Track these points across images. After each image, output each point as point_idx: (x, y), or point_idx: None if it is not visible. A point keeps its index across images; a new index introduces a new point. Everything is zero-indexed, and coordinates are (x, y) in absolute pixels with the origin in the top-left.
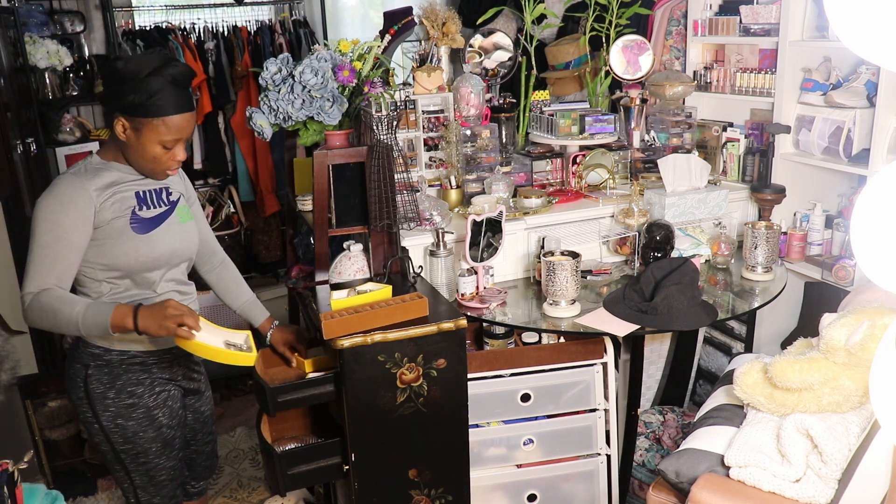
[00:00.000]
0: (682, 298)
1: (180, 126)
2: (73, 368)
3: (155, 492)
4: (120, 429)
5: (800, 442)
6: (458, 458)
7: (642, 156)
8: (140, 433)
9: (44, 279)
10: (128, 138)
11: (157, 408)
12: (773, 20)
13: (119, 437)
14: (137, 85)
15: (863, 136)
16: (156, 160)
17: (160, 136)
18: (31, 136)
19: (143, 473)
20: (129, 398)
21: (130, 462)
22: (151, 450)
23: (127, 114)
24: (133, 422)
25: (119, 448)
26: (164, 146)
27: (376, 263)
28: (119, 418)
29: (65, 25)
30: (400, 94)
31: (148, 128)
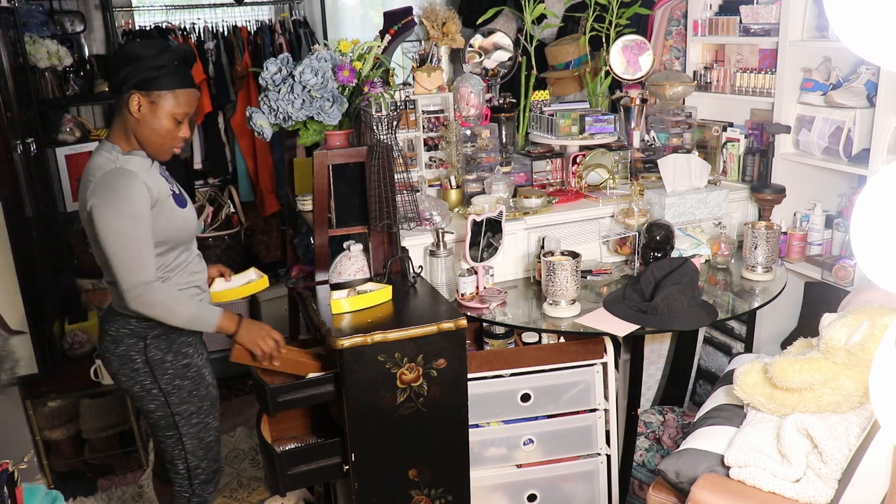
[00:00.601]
0: (682, 298)
1: (190, 100)
2: (123, 346)
3: (203, 455)
4: (177, 389)
5: (800, 442)
6: (458, 458)
7: (642, 156)
8: (194, 391)
9: (148, 271)
10: (142, 115)
11: (204, 366)
12: (773, 20)
13: (176, 399)
14: (153, 60)
15: (863, 136)
16: (168, 134)
17: (173, 108)
18: (31, 136)
19: (194, 436)
20: (183, 359)
21: (184, 424)
22: (203, 408)
23: (143, 89)
24: (188, 381)
25: (175, 410)
26: (176, 119)
27: (376, 263)
28: (177, 379)
29: (65, 25)
30: (400, 94)
31: (164, 99)
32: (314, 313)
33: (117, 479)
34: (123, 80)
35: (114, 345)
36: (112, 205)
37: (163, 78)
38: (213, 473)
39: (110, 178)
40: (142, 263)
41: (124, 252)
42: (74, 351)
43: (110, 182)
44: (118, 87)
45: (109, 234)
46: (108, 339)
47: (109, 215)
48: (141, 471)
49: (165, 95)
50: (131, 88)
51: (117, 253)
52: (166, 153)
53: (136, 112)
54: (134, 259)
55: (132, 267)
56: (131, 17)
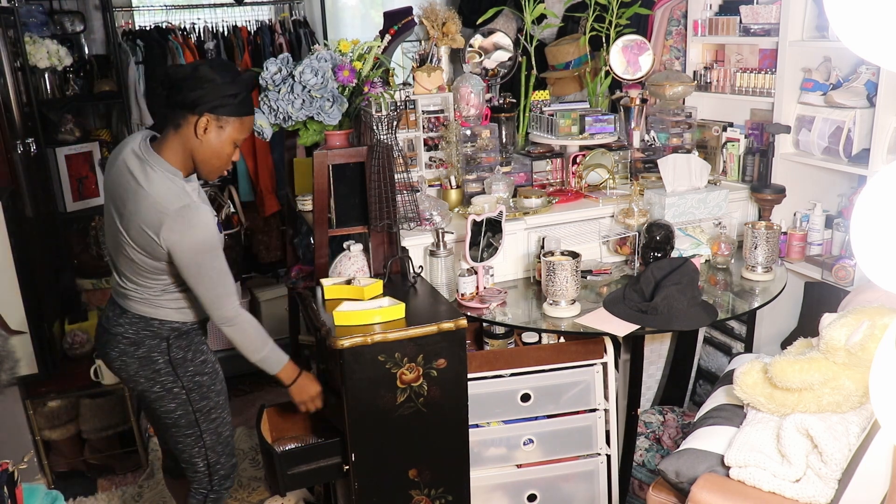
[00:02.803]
0: (682, 298)
1: (250, 127)
2: (145, 346)
3: (222, 450)
4: (197, 385)
5: (800, 442)
6: (458, 458)
7: (642, 156)
8: (212, 386)
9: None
10: (207, 137)
11: (216, 362)
12: (773, 20)
13: (197, 395)
14: (226, 86)
15: (863, 136)
16: (226, 157)
17: (237, 133)
18: (31, 136)
19: (212, 431)
20: (200, 356)
21: (203, 420)
22: (220, 402)
23: (215, 112)
24: (206, 376)
25: (196, 406)
26: (235, 144)
27: (376, 263)
28: (197, 375)
29: (65, 25)
30: (400, 94)
31: (232, 126)
32: (314, 313)
33: (117, 479)
34: (196, 101)
35: (133, 347)
36: (194, 242)
37: (234, 105)
38: (232, 468)
39: (188, 215)
40: (228, 294)
41: (212, 285)
42: (74, 351)
43: (189, 220)
44: (189, 107)
45: (194, 269)
46: (126, 341)
47: (192, 253)
48: (141, 471)
49: (233, 122)
50: (203, 111)
51: (206, 288)
52: (215, 174)
53: (202, 134)
54: (220, 289)
55: (221, 297)
56: (131, 17)
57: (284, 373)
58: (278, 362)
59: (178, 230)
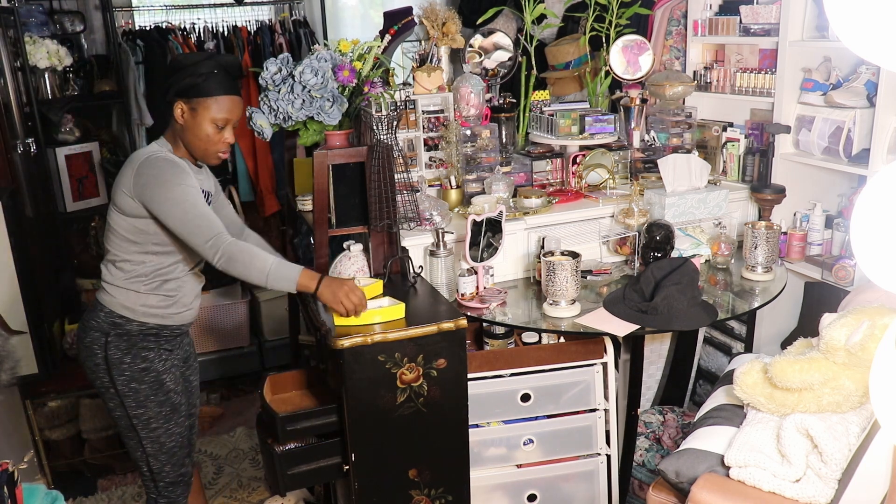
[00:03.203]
0: (682, 298)
1: (229, 107)
2: (90, 337)
3: (166, 459)
4: (133, 392)
5: (800, 442)
6: (458, 458)
7: (642, 156)
8: (151, 396)
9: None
10: (185, 121)
11: (166, 373)
12: (773, 20)
13: (132, 402)
14: (193, 68)
15: (863, 136)
16: (209, 139)
17: (213, 114)
18: (31, 136)
19: (153, 440)
20: (142, 363)
21: (142, 428)
22: (161, 414)
23: (184, 96)
24: (145, 385)
25: (132, 413)
26: (216, 125)
27: (376, 263)
28: (133, 382)
29: (65, 25)
30: (400, 94)
31: (202, 106)
32: (314, 313)
33: (117, 479)
34: (168, 88)
35: (82, 332)
36: (164, 180)
37: (202, 84)
38: (180, 477)
39: (156, 161)
40: (209, 222)
41: (189, 217)
42: (74, 351)
43: (155, 163)
44: (166, 95)
45: (168, 206)
46: (81, 327)
47: (164, 190)
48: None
49: (205, 102)
50: (174, 96)
51: (182, 221)
52: (212, 158)
53: (180, 118)
54: (201, 219)
55: (202, 225)
56: (131, 17)
57: (304, 281)
58: (292, 276)
59: (147, 175)
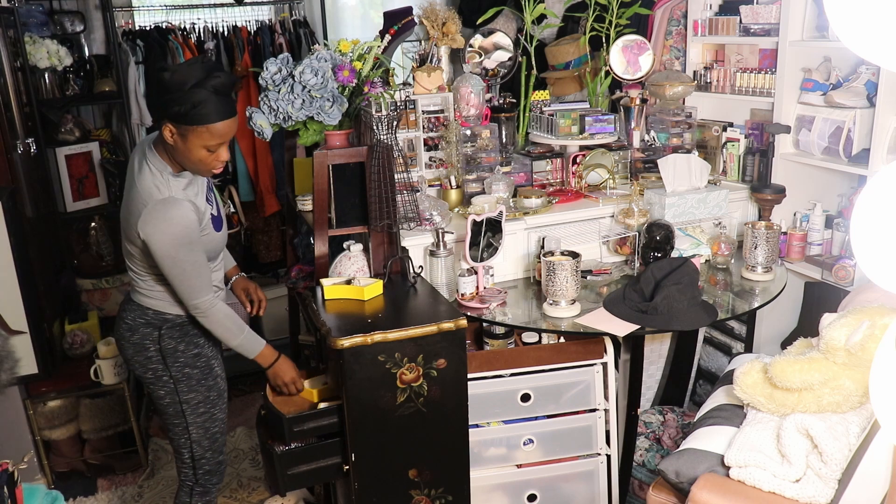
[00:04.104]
0: (682, 298)
1: (223, 132)
2: (138, 334)
3: (209, 445)
4: (187, 378)
5: (800, 442)
6: (458, 458)
7: (642, 156)
8: (202, 380)
9: (208, 286)
10: (175, 143)
11: (214, 358)
12: (773, 20)
13: (185, 387)
14: (182, 96)
15: (863, 136)
16: (201, 162)
17: (204, 141)
18: (31, 136)
19: (200, 425)
20: (194, 349)
21: (191, 413)
22: (210, 398)
23: (173, 121)
24: (197, 370)
25: (184, 398)
26: (209, 149)
27: (376, 263)
28: (187, 367)
29: (65, 25)
30: (400, 94)
31: (193, 134)
32: (314, 314)
33: (117, 479)
34: (158, 108)
35: (129, 332)
36: (167, 236)
37: (193, 113)
38: (218, 465)
39: (162, 208)
40: (201, 284)
41: (184, 277)
42: (74, 351)
43: (162, 213)
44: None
45: (168, 262)
46: (125, 326)
47: (166, 246)
48: (141, 471)
49: (196, 129)
50: (164, 118)
51: (178, 278)
52: (205, 174)
53: (170, 140)
54: (194, 281)
55: (193, 288)
56: (131, 17)
57: (262, 357)
58: (254, 348)
59: (152, 222)
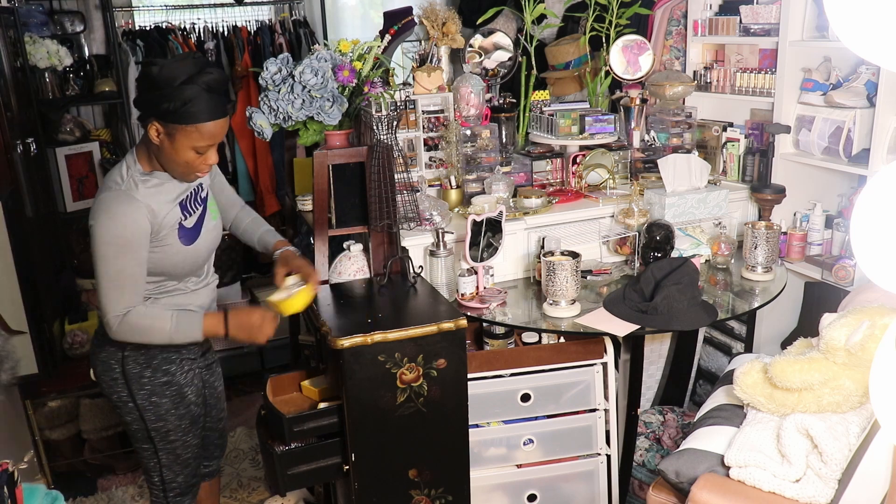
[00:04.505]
0: (682, 298)
1: (213, 132)
2: (105, 352)
3: (179, 470)
4: (154, 406)
5: (800, 442)
6: (458, 458)
7: (642, 156)
8: (172, 410)
9: (128, 300)
10: (161, 143)
11: (187, 385)
12: (773, 20)
13: (152, 415)
14: (172, 92)
15: (863, 136)
16: (188, 164)
17: (193, 141)
18: (31, 136)
19: (170, 451)
20: (163, 376)
21: (160, 440)
22: (181, 427)
23: (161, 119)
24: (166, 399)
25: (151, 426)
26: (197, 151)
27: (376, 263)
28: (154, 396)
29: (65, 25)
30: (400, 94)
31: (181, 133)
32: (314, 314)
33: (117, 479)
34: (143, 105)
35: (98, 347)
36: (102, 228)
37: (183, 112)
38: (189, 487)
39: (111, 200)
40: (120, 294)
41: (105, 278)
42: (74, 351)
43: (110, 205)
44: (139, 109)
45: (96, 256)
46: (95, 341)
47: (99, 239)
48: (141, 471)
49: (185, 129)
50: (150, 117)
51: (98, 279)
52: (189, 178)
53: (156, 139)
54: (111, 291)
55: (110, 295)
56: (131, 17)
57: (210, 330)
58: (194, 330)
59: (96, 212)
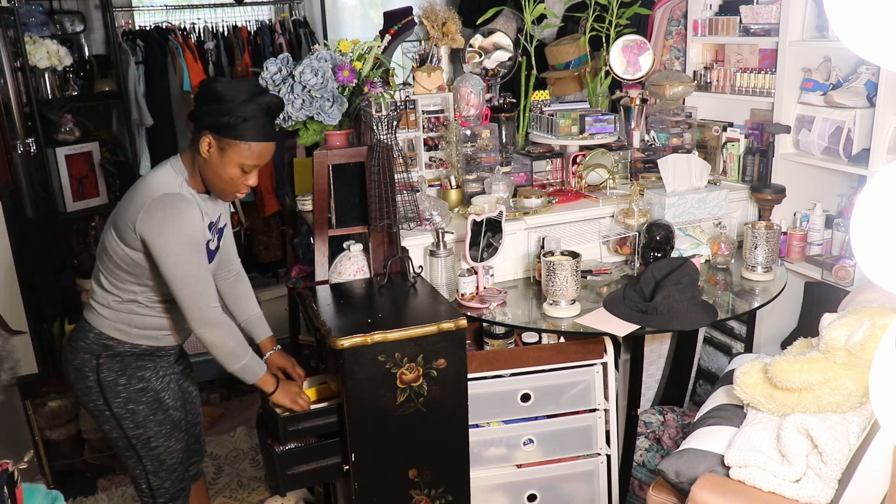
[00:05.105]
0: (682, 298)
1: (262, 153)
2: (79, 359)
3: (166, 476)
4: (131, 414)
5: (800, 442)
6: (458, 458)
7: (642, 156)
8: (150, 416)
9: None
10: (210, 156)
11: (164, 390)
12: (773, 20)
13: (130, 423)
14: (234, 107)
15: (863, 136)
16: (232, 181)
17: (243, 159)
18: (31, 136)
19: (153, 458)
20: (138, 383)
21: (142, 447)
22: (161, 432)
23: (216, 132)
24: (143, 406)
25: (131, 434)
26: (243, 169)
27: (376, 263)
28: (130, 403)
29: (65, 25)
30: (400, 94)
31: (233, 149)
32: (314, 314)
33: (117, 479)
34: (201, 117)
35: (71, 355)
36: (174, 232)
37: (240, 127)
38: (179, 491)
39: (170, 202)
40: (209, 290)
41: (189, 279)
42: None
43: (170, 208)
44: (195, 121)
45: (173, 260)
46: (68, 348)
47: (171, 242)
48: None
49: (239, 145)
50: (205, 128)
51: (181, 281)
52: (228, 197)
53: (205, 152)
54: (202, 286)
55: (201, 294)
56: (131, 17)
57: (263, 383)
58: (258, 371)
59: (157, 215)
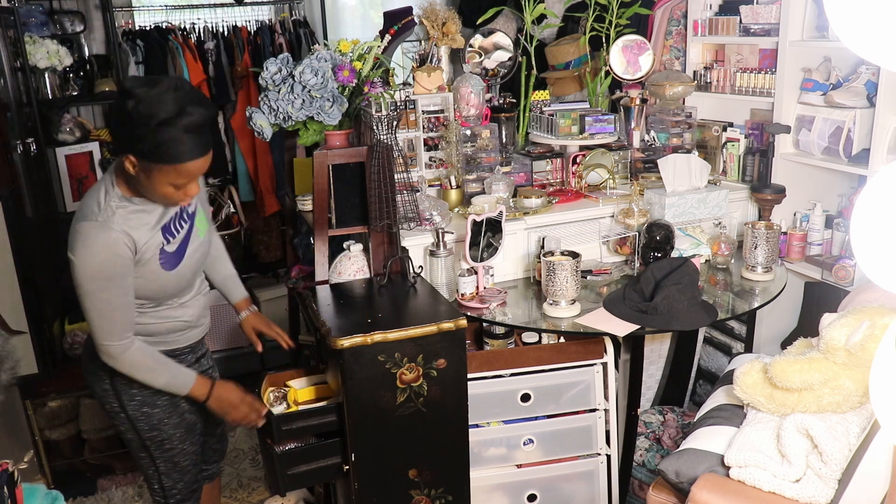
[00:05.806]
0: (682, 298)
1: (192, 171)
2: (94, 363)
3: (179, 477)
4: (146, 416)
5: (800, 442)
6: (458, 458)
7: (642, 156)
8: (165, 419)
9: (123, 331)
10: (137, 175)
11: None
12: (773, 20)
13: (145, 425)
14: (147, 133)
15: (863, 136)
16: (167, 197)
17: (171, 179)
18: (31, 136)
19: (167, 459)
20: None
21: (156, 449)
22: (176, 435)
23: (138, 156)
24: (158, 409)
25: (145, 436)
26: (175, 186)
27: (376, 263)
28: (145, 406)
29: (65, 25)
30: (400, 94)
31: (158, 172)
32: (314, 314)
33: (117, 479)
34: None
35: (88, 357)
36: (83, 264)
37: (161, 153)
38: (191, 493)
39: (88, 233)
40: (111, 327)
41: (94, 313)
42: (74, 351)
43: (87, 239)
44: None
45: (80, 291)
46: (86, 351)
47: (81, 274)
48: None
49: (162, 168)
50: (127, 153)
51: (88, 312)
52: (169, 206)
53: (132, 171)
54: (104, 322)
55: (102, 329)
56: (131, 17)
57: (196, 391)
58: (184, 384)
59: (74, 245)
